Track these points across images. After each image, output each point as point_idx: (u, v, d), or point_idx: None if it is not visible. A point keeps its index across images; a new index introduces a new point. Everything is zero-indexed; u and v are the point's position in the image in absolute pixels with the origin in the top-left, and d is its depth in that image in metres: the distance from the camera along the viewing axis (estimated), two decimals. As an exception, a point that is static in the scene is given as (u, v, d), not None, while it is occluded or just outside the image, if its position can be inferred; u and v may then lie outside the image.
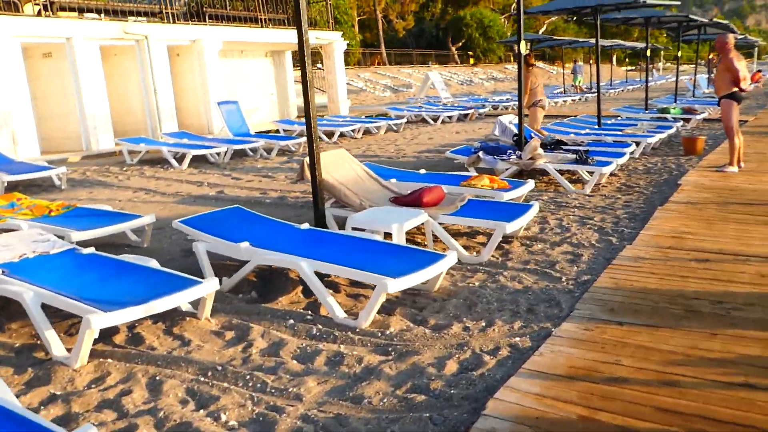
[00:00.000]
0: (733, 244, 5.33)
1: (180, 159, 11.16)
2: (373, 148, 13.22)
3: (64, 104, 14.51)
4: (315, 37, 19.88)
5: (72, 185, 9.54)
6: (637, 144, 10.71)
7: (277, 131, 16.21)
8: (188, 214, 7.11)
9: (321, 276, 4.34)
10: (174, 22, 16.47)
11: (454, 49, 58.32)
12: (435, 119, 18.49)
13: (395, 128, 16.72)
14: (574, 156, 8.39)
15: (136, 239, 6.09)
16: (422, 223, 5.33)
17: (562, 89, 31.62)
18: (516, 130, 10.34)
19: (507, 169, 8.39)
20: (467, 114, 19.73)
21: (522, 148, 8.75)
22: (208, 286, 3.86)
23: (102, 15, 15.86)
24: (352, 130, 15.26)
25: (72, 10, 15.55)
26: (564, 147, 9.60)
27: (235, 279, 4.64)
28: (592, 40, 34.63)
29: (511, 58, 60.61)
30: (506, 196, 6.30)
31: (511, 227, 5.18)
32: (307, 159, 6.00)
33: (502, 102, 23.42)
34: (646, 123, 13.03)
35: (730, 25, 20.56)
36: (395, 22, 58.90)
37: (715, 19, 19.49)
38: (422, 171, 7.65)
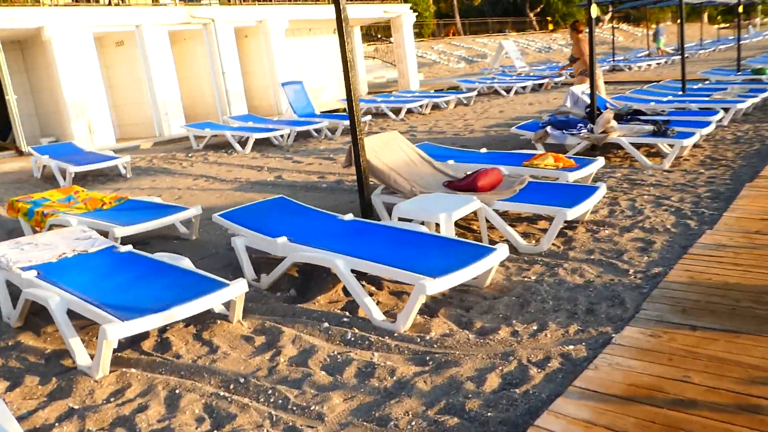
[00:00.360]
0: (835, 227, 4.65)
1: (243, 143, 11.12)
2: (440, 124, 12.77)
3: (136, 92, 14.83)
4: (383, 10, 19.47)
5: (137, 174, 9.66)
6: (726, 111, 9.77)
7: (344, 110, 15.97)
8: (243, 202, 6.99)
9: (362, 273, 4.06)
10: (240, 3, 16.45)
11: (532, 15, 56.26)
12: (508, 90, 17.74)
13: (465, 102, 16.14)
14: (652, 128, 7.68)
15: (185, 231, 5.99)
16: (476, 210, 4.93)
17: (647, 52, 29.84)
18: (589, 101, 9.66)
19: (578, 145, 7.79)
20: (542, 84, 18.79)
21: (594, 120, 8.10)
22: (236, 289, 3.64)
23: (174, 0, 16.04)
24: (420, 106, 14.82)
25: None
26: (642, 117, 8.86)
27: (274, 276, 4.42)
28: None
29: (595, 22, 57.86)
30: (572, 177, 5.78)
31: (572, 213, 4.70)
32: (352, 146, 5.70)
33: (581, 69, 22.25)
34: (737, 86, 11.90)
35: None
36: (469, -10, 57.31)
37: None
38: (483, 150, 7.19)
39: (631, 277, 4.16)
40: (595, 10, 8.05)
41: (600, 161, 6.23)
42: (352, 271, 3.92)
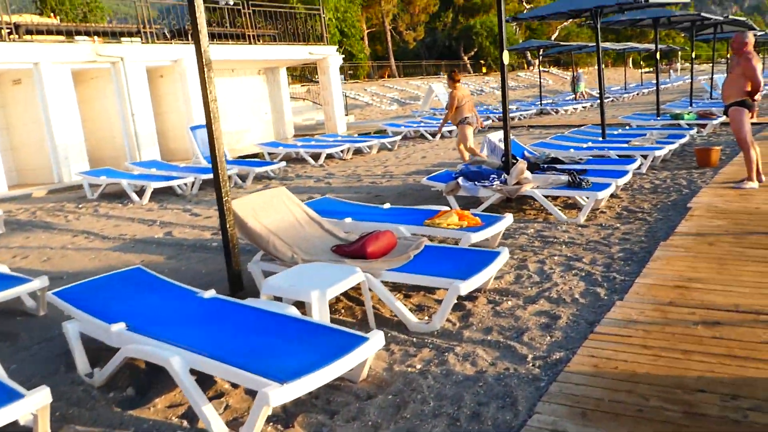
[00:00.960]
0: (752, 296, 4.22)
1: (142, 192, 10.25)
2: (359, 171, 12.22)
3: (35, 133, 13.74)
4: (308, 52, 19.02)
5: (12, 229, 8.64)
6: (645, 157, 9.58)
7: (264, 155, 15.26)
8: (117, 266, 6.17)
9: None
10: (152, 41, 15.66)
11: (466, 58, 57.28)
12: (434, 135, 17.44)
13: (389, 146, 15.71)
14: (568, 178, 7.29)
15: (32, 305, 5.13)
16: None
17: (573, 96, 30.47)
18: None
19: (491, 197, 7.32)
20: (469, 127, 18.60)
21: (509, 170, 7.66)
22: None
23: (86, 36, 15.11)
24: (341, 151, 14.27)
25: (44, 33, 14.80)
26: (559, 167, 8.52)
27: (107, 371, 3.64)
28: (606, 44, 33.46)
29: (525, 65, 59.42)
30: (475, 238, 5.24)
31: (466, 287, 4.11)
32: (233, 204, 5.01)
33: (511, 111, 22.29)
34: (656, 132, 11.85)
35: (749, 22, 19.27)
36: (405, 33, 58.09)
37: (732, 17, 18.18)
38: (386, 205, 6.61)
39: (529, 366, 3.58)
40: (507, 57, 7.69)
41: (508, 219, 5.73)
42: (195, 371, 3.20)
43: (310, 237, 5.20)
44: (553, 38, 58.65)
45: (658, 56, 14.90)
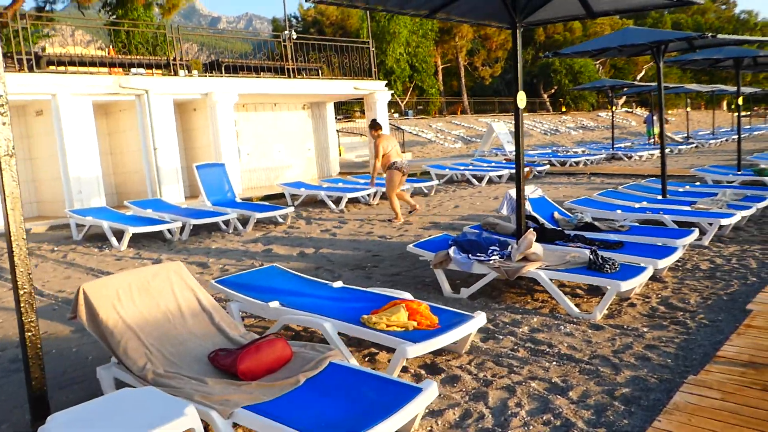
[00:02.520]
0: None
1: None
2: (377, 219, 10.85)
3: (53, 165, 13.21)
4: (353, 87, 17.97)
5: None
6: (710, 224, 7.73)
7: (265, 198, 14.13)
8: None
9: None
10: (179, 74, 15.00)
11: (545, 96, 55.19)
12: (480, 179, 15.85)
13: (426, 191, 14.26)
14: (589, 256, 5.62)
15: None
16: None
17: (650, 140, 28.22)
18: (531, 209, 7.70)
19: (484, 277, 5.75)
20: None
21: (523, 237, 6.06)
22: None
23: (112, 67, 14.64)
24: (368, 195, 12.94)
25: (66, 64, 14.38)
26: (590, 235, 6.85)
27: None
28: (692, 86, 30.89)
29: (608, 105, 56.60)
30: (412, 352, 3.72)
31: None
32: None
33: (576, 156, 20.40)
34: (730, 192, 9.84)
35: None
36: (481, 69, 56.80)
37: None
38: (337, 284, 5.17)
39: None
40: (522, 100, 6.17)
41: (477, 320, 4.18)
42: None
43: (187, 336, 3.83)
44: (638, 77, 55.77)
45: (740, 101, 12.81)
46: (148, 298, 3.92)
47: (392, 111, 40.89)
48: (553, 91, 54.70)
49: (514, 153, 22.23)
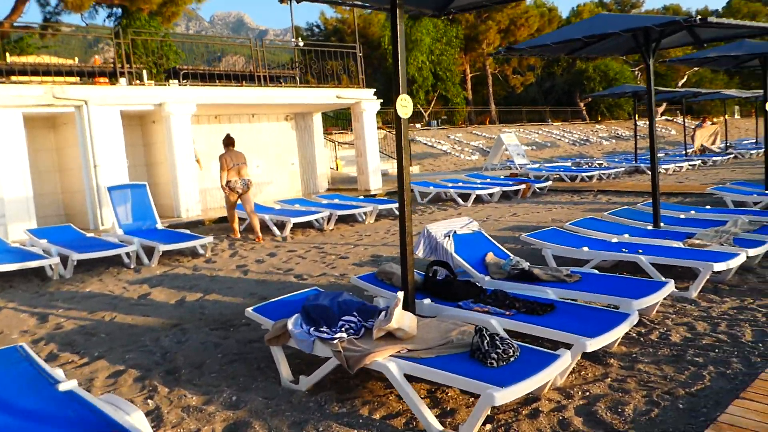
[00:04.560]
0: None
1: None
2: (311, 251, 9.12)
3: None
4: (335, 95, 16.31)
5: None
6: (703, 268, 5.76)
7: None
8: None
9: None
10: (133, 83, 13.57)
11: (582, 104, 52.56)
12: (465, 198, 13.91)
13: (360, 218, 12.32)
14: (476, 340, 3.75)
15: None
16: None
17: (692, 149, 25.88)
18: (453, 250, 5.87)
19: (326, 362, 3.94)
20: (518, 190, 14.83)
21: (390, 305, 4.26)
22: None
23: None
24: (321, 218, 11.20)
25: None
26: (522, 293, 4.98)
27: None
28: (730, 91, 28.24)
29: (645, 113, 53.54)
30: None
31: None
32: None
33: (588, 170, 18.26)
34: (745, 219, 7.75)
35: None
36: (512, 78, 54.61)
37: None
38: (63, 386, 3.46)
39: None
40: (406, 108, 4.37)
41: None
42: None
43: None
44: (680, 84, 52.72)
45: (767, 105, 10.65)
46: None
47: (414, 122, 39.11)
48: (589, 99, 52.09)
49: (524, 166, 20.18)
